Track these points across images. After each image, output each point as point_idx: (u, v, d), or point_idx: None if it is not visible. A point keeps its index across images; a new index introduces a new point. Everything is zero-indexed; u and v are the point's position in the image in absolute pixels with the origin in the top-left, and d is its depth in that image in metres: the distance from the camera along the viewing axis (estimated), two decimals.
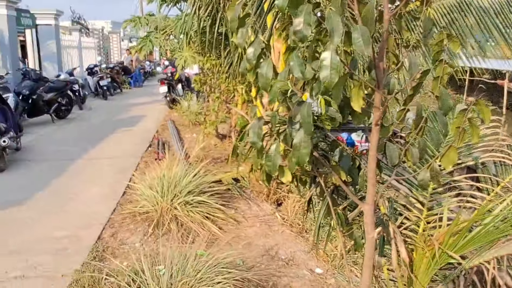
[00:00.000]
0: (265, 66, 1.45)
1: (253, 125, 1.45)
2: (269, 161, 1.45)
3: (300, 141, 1.39)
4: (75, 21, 16.88)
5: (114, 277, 2.90)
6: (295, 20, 1.32)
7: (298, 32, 1.32)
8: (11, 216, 4.15)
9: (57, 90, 9.51)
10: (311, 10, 1.31)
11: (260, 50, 1.45)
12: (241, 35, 1.47)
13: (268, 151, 1.48)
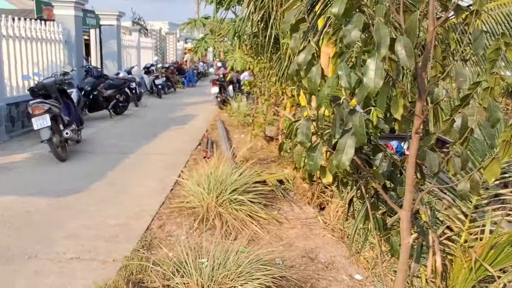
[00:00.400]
0: (314, 71, 1.52)
1: (301, 125, 1.53)
2: (311, 160, 1.51)
3: (344, 146, 1.44)
4: (135, 22, 17.69)
5: (160, 266, 3.07)
6: (345, 26, 1.39)
7: (347, 37, 1.38)
8: (71, 203, 4.48)
9: (116, 87, 10.05)
10: (361, 18, 1.37)
11: (310, 56, 1.52)
12: (294, 40, 1.55)
13: (311, 151, 1.54)
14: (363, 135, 1.46)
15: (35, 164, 5.96)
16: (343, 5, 1.45)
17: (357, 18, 1.45)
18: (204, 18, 8.26)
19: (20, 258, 3.27)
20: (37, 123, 5.74)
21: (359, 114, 1.51)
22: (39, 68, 8.67)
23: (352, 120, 1.51)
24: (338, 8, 1.45)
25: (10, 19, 7.77)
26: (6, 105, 7.43)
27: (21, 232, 3.75)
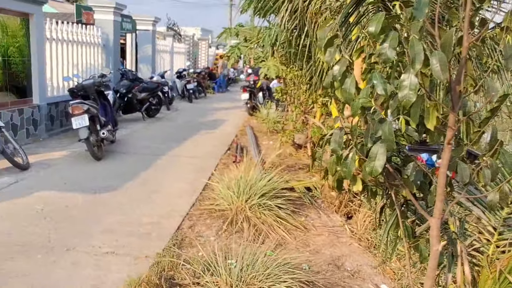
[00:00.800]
0: (349, 82, 1.60)
1: (334, 134, 1.61)
2: (344, 167, 1.59)
3: (376, 153, 1.52)
4: (169, 28, 18.14)
5: (190, 264, 3.19)
6: (381, 44, 1.46)
7: (383, 55, 1.46)
8: (106, 200, 4.67)
9: (150, 90, 10.35)
10: (397, 37, 1.45)
11: (345, 68, 1.60)
12: (329, 54, 1.64)
13: (345, 159, 1.62)
14: (392, 142, 1.53)
15: (72, 162, 6.23)
16: (379, 25, 1.54)
17: (393, 37, 1.54)
18: (239, 26, 8.43)
19: (59, 250, 3.45)
20: (76, 123, 6.00)
21: (388, 123, 1.58)
22: (78, 70, 9.05)
23: (382, 128, 1.58)
24: (375, 28, 1.54)
25: (54, 22, 8.17)
26: (46, 105, 7.79)
27: (60, 225, 3.95)
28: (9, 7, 6.68)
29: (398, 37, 1.56)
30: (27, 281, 2.97)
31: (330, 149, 1.62)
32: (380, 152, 1.54)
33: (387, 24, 1.58)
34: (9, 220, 4.00)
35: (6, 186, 4.94)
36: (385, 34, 1.58)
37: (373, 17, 1.61)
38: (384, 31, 1.50)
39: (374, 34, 1.56)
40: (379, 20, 1.56)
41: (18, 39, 7.09)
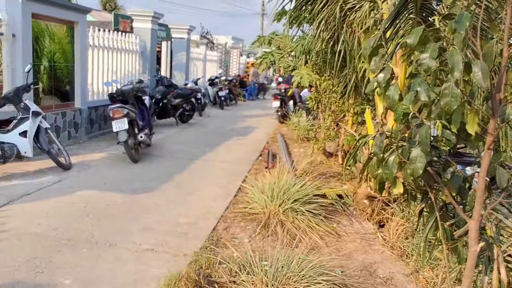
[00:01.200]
0: (393, 89, 1.69)
1: (376, 138, 1.70)
2: (387, 170, 1.67)
3: (417, 156, 1.60)
4: (203, 36, 18.53)
5: (226, 263, 3.30)
6: (422, 54, 1.55)
7: (423, 65, 1.55)
8: (144, 200, 4.87)
9: (184, 96, 10.63)
10: (436, 48, 1.54)
11: (389, 76, 1.69)
12: (374, 62, 1.74)
13: (386, 161, 1.70)
14: (427, 145, 1.62)
15: (111, 163, 6.49)
16: (417, 37, 1.64)
17: (433, 48, 1.63)
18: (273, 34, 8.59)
19: (102, 245, 3.64)
20: (116, 126, 6.27)
21: (426, 127, 1.66)
22: (117, 76, 9.41)
23: (419, 132, 1.66)
24: (413, 40, 1.63)
25: (96, 30, 8.55)
26: (87, 108, 8.14)
27: (102, 222, 4.15)
28: (58, 16, 7.07)
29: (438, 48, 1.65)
30: (75, 272, 3.16)
31: (372, 152, 1.70)
32: (421, 155, 1.62)
33: (427, 36, 1.67)
34: (55, 216, 4.23)
35: (51, 185, 5.21)
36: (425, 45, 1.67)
37: (413, 30, 1.71)
38: (424, 42, 1.59)
39: (412, 45, 1.65)
40: (417, 33, 1.66)
41: (63, 46, 7.48)
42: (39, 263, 3.25)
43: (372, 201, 4.71)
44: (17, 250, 3.44)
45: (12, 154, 5.26)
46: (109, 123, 8.58)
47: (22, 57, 6.29)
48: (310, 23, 5.94)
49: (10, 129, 5.45)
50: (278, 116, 12.21)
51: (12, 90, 5.65)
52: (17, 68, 6.30)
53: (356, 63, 5.34)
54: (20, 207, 4.42)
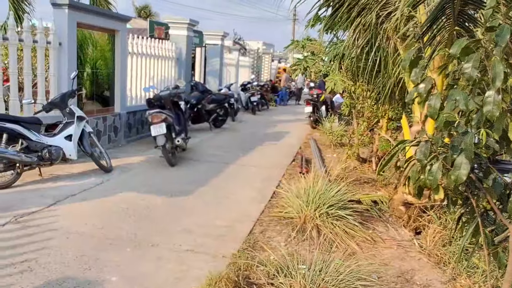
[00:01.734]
0: (434, 99, 1.74)
1: (421, 146, 1.74)
2: (431, 176, 1.71)
3: (461, 163, 1.64)
4: (235, 42, 18.79)
5: (264, 266, 3.38)
6: (464, 64, 1.60)
7: (466, 74, 1.59)
8: (182, 203, 5.02)
9: (218, 102, 10.83)
10: (479, 58, 1.58)
11: (430, 86, 1.74)
12: (414, 73, 1.79)
13: (430, 168, 1.74)
14: (471, 152, 1.66)
15: (149, 167, 6.71)
16: (460, 47, 1.69)
17: (475, 59, 1.69)
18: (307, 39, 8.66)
19: (145, 246, 3.80)
20: (154, 130, 6.48)
21: (470, 135, 1.70)
22: (154, 81, 9.70)
23: (464, 139, 1.70)
24: (455, 50, 1.69)
25: (135, 37, 8.86)
26: (126, 113, 8.44)
27: (143, 224, 4.32)
28: (100, 24, 7.39)
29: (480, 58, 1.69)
30: (120, 270, 3.32)
31: (416, 159, 1.75)
32: (464, 162, 1.66)
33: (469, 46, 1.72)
34: (99, 216, 4.44)
35: (94, 186, 5.45)
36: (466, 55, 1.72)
37: (456, 41, 1.75)
38: (466, 52, 1.64)
39: (455, 55, 1.71)
40: (460, 44, 1.71)
41: (104, 53, 7.80)
42: (87, 260, 3.43)
43: (409, 207, 4.69)
44: (66, 248, 3.64)
45: (58, 157, 5.53)
46: (146, 127, 8.87)
47: (67, 64, 6.62)
48: (344, 29, 5.97)
49: (56, 133, 5.74)
50: (310, 122, 12.23)
51: (59, 96, 5.95)
52: (62, 75, 6.63)
53: (391, 69, 5.34)
54: (67, 207, 4.65)
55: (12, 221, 4.12)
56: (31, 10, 9.75)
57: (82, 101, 7.24)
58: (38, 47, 6.44)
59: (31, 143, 5.30)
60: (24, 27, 6.34)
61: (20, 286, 3.00)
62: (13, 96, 6.14)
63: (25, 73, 6.35)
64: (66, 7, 6.48)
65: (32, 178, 5.51)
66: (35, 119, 5.61)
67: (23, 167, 5.27)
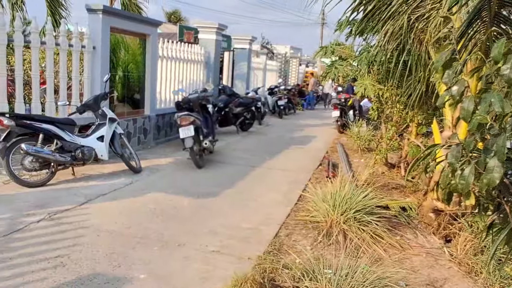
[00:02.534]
0: (467, 101, 1.71)
1: (452, 149, 1.72)
2: (463, 180, 1.68)
3: (494, 166, 1.60)
4: (263, 46, 18.87)
5: (289, 269, 3.38)
6: (503, 66, 1.56)
7: (505, 76, 1.56)
8: (208, 204, 5.08)
9: (245, 105, 10.90)
10: None
11: (463, 88, 1.71)
12: (447, 75, 1.76)
13: (462, 172, 1.71)
14: (503, 154, 1.62)
15: (176, 168, 6.81)
16: (501, 50, 1.66)
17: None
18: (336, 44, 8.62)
19: (172, 245, 3.86)
20: (183, 132, 6.59)
21: (503, 136, 1.66)
22: (183, 85, 9.85)
23: (496, 141, 1.66)
24: (496, 53, 1.66)
25: (166, 41, 9.04)
26: (155, 116, 8.61)
27: (170, 223, 4.39)
28: (133, 29, 7.58)
29: None
30: (148, 268, 3.39)
31: (448, 162, 1.72)
32: (497, 165, 1.62)
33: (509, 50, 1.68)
34: (128, 215, 4.54)
35: (123, 186, 5.58)
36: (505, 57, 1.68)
37: (495, 44, 1.72)
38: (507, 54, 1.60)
39: (495, 59, 1.68)
40: (501, 46, 1.67)
41: (136, 57, 7.98)
42: (116, 258, 3.52)
43: (439, 214, 4.59)
44: (97, 245, 3.75)
45: (91, 157, 5.70)
46: (174, 129, 9.03)
47: (100, 67, 6.82)
48: (375, 33, 5.91)
49: (89, 134, 5.92)
50: (337, 126, 12.13)
51: (92, 98, 6.14)
52: (96, 78, 6.83)
53: (422, 73, 5.25)
54: (98, 206, 4.78)
55: (46, 218, 4.28)
56: (67, 15, 10.10)
57: (114, 103, 7.44)
58: (73, 51, 6.67)
59: (65, 143, 5.49)
60: (60, 31, 6.57)
61: (53, 280, 3.11)
62: (49, 98, 6.38)
63: (60, 76, 6.59)
64: (101, 12, 6.69)
65: (66, 177, 5.69)
66: (69, 120, 5.80)
67: (57, 167, 5.45)
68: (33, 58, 6.18)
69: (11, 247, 3.59)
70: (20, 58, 6.00)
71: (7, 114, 5.18)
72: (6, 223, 4.07)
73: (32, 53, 6.18)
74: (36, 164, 5.23)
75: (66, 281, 3.10)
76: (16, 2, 9.46)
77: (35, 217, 4.25)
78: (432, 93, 5.43)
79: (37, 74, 6.21)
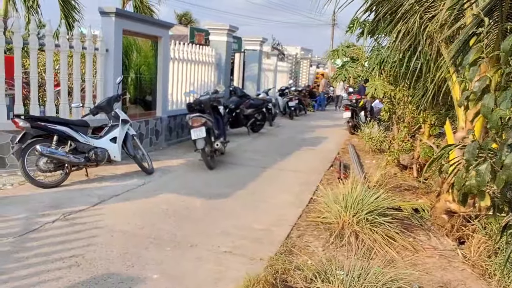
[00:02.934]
0: (488, 98, 1.70)
1: (469, 146, 1.71)
2: (479, 177, 1.67)
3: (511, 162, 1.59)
4: (274, 47, 18.88)
5: (301, 270, 3.38)
6: None
7: None
8: (220, 205, 5.10)
9: (256, 107, 10.92)
10: None
11: (485, 85, 1.71)
12: (472, 72, 1.76)
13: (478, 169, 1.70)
14: None
15: (188, 169, 6.86)
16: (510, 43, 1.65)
17: None
18: (347, 46, 8.59)
19: (185, 245, 3.89)
20: (195, 134, 6.63)
21: None
22: (194, 86, 9.91)
23: None
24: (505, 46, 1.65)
25: (177, 43, 9.11)
26: (167, 117, 8.67)
27: (182, 224, 4.42)
28: (145, 31, 7.66)
29: None
30: (161, 268, 3.42)
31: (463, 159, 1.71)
32: None
33: None
34: (141, 216, 4.58)
35: (136, 187, 5.64)
36: None
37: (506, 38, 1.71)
38: None
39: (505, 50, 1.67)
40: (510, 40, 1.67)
41: (148, 59, 8.06)
42: (130, 258, 3.56)
43: (452, 216, 4.54)
44: (111, 245, 3.79)
45: (104, 158, 5.76)
46: (185, 131, 9.08)
47: (113, 70, 6.90)
48: (386, 34, 5.88)
49: (102, 135, 5.99)
50: (348, 127, 12.09)
51: (105, 100, 6.21)
52: (108, 80, 6.91)
53: (434, 73, 5.20)
54: (111, 206, 4.84)
55: (61, 218, 4.34)
56: (80, 18, 10.23)
57: (126, 105, 7.51)
58: (86, 54, 6.76)
59: (79, 145, 5.56)
60: (74, 34, 6.66)
61: (68, 279, 3.15)
62: (63, 100, 6.47)
63: (74, 78, 6.67)
64: (113, 15, 6.77)
65: (79, 178, 5.77)
66: (83, 122, 5.88)
67: (71, 167, 5.53)
68: (47, 61, 6.28)
69: (27, 246, 3.65)
70: (35, 61, 6.10)
71: (23, 116, 5.27)
72: (22, 223, 4.14)
73: (47, 55, 6.28)
74: (50, 165, 5.31)
75: (81, 281, 3.15)
76: (32, 6, 9.62)
77: (50, 218, 4.32)
78: (444, 94, 5.39)
79: (51, 77, 6.31)
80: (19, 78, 5.92)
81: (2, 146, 5.74)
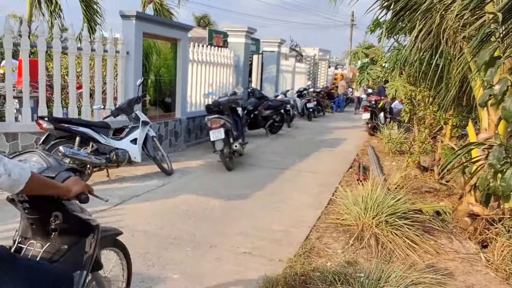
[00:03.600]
0: (509, 101, 1.67)
1: (494, 150, 1.68)
2: (504, 182, 1.64)
3: None
4: (292, 48, 18.85)
5: (320, 272, 3.37)
6: None
7: None
8: (239, 206, 5.12)
9: (274, 108, 10.92)
10: None
11: (506, 88, 1.67)
12: (490, 73, 1.73)
13: (503, 174, 1.67)
14: None
15: (207, 170, 6.90)
16: None
17: None
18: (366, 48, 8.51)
19: (204, 246, 3.92)
20: (213, 135, 6.67)
21: None
22: (213, 88, 9.97)
23: None
24: None
25: (196, 45, 9.18)
26: (186, 119, 8.75)
27: (202, 225, 4.45)
28: (164, 34, 7.75)
29: None
30: (181, 268, 3.45)
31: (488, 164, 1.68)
32: None
33: None
34: (161, 216, 4.64)
35: (156, 188, 5.70)
36: None
37: None
38: None
39: None
40: None
41: (167, 61, 8.15)
42: (151, 258, 3.60)
43: (475, 219, 4.45)
44: (132, 245, 3.82)
45: (124, 159, 5.85)
46: (204, 132, 9.14)
47: (134, 72, 7.00)
48: (405, 34, 5.81)
49: (123, 137, 6.08)
50: (368, 128, 11.98)
51: (125, 101, 6.31)
52: (129, 82, 7.02)
53: (456, 73, 5.11)
54: (132, 206, 4.91)
55: None
56: (102, 21, 10.43)
57: (146, 106, 7.61)
58: (107, 56, 6.88)
59: (100, 146, 5.66)
60: (96, 37, 6.79)
61: None
62: (85, 102, 6.60)
63: (96, 81, 6.80)
64: (134, 18, 6.87)
65: (101, 178, 5.87)
66: (104, 124, 5.98)
67: (93, 168, 5.63)
68: (70, 64, 6.42)
69: None
70: (58, 64, 6.25)
71: (46, 118, 5.39)
72: None
73: (69, 58, 6.41)
74: None
75: None
76: (54, 10, 9.84)
77: None
78: (467, 94, 5.29)
79: (73, 79, 6.44)
80: (43, 81, 6.06)
81: (26, 147, 5.88)
